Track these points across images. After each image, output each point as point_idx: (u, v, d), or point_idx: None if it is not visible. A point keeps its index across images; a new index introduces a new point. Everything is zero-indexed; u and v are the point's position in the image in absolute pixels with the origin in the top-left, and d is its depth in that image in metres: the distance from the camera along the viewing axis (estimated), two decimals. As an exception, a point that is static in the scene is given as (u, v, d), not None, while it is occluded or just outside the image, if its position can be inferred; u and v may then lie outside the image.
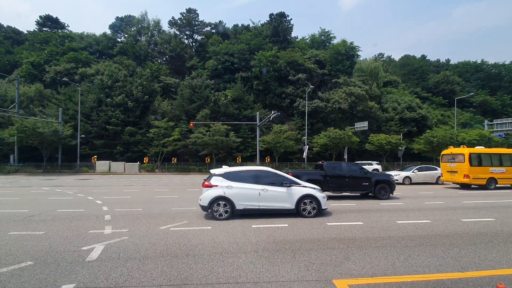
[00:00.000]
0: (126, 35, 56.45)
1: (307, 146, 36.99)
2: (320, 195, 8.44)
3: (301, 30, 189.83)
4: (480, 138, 38.77)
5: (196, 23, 57.85)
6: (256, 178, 8.29)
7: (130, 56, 48.05)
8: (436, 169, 20.26)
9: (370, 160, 36.14)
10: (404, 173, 19.56)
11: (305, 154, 36.28)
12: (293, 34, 58.57)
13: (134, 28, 56.35)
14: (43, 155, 34.02)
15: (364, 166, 26.61)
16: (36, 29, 57.41)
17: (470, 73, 67.36)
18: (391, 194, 11.82)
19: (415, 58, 71.48)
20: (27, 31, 58.77)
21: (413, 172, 19.47)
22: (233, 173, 8.28)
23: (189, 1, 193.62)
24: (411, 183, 19.13)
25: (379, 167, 28.51)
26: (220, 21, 59.97)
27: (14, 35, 58.89)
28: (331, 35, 59.09)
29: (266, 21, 57.23)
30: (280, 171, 9.11)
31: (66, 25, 60.63)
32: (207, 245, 5.60)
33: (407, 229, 6.90)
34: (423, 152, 39.94)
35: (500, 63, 69.60)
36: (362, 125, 38.35)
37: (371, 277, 4.11)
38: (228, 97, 41.06)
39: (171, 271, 4.30)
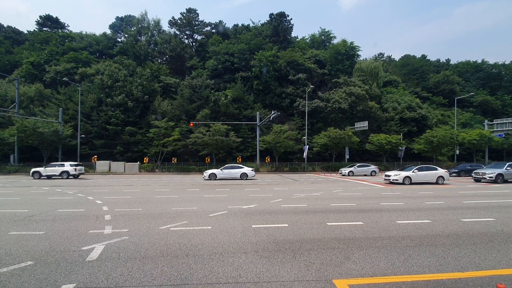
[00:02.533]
0: (126, 35, 56.47)
1: (307, 146, 36.99)
2: None
3: (301, 30, 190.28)
4: (480, 138, 38.68)
5: (196, 23, 57.87)
6: None
7: (130, 56, 48.04)
8: (436, 169, 20.23)
9: (369, 162, 36.10)
10: (404, 173, 19.50)
11: (305, 154, 36.30)
12: (293, 34, 58.67)
13: (134, 28, 56.34)
14: (43, 155, 34.03)
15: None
16: (36, 29, 57.47)
17: (470, 73, 67.33)
18: None
19: (415, 58, 71.51)
20: (27, 31, 58.92)
21: (413, 172, 19.42)
22: None
23: (189, 1, 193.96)
24: (411, 183, 19.09)
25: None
26: (220, 21, 60.10)
27: (14, 35, 58.92)
28: (331, 35, 59.11)
29: (266, 21, 57.28)
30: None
31: (66, 25, 60.76)
32: (207, 245, 5.59)
33: (407, 229, 6.90)
34: (423, 152, 39.95)
35: (500, 63, 69.69)
36: (362, 125, 38.36)
37: (371, 277, 4.11)
38: (228, 97, 41.04)
39: (171, 271, 4.29)
